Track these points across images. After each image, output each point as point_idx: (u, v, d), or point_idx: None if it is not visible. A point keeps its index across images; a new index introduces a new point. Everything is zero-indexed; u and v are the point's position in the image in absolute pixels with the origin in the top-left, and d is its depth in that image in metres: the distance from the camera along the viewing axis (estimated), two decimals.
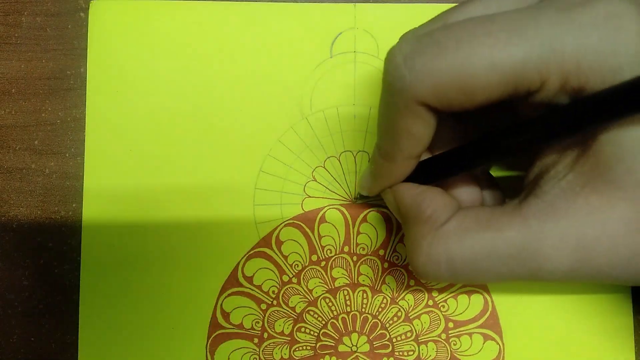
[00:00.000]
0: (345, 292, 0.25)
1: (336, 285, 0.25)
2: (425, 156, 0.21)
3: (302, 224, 0.26)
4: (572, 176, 0.18)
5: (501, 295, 0.25)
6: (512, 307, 0.25)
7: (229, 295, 0.25)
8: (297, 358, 0.25)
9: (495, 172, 0.25)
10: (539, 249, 0.17)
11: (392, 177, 0.21)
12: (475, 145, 0.19)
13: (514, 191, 0.21)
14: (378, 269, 0.26)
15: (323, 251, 0.26)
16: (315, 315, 0.25)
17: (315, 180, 0.26)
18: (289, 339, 0.25)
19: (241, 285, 0.25)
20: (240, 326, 0.25)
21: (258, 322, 0.25)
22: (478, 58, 0.16)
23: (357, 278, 0.26)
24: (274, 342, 0.25)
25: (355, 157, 0.26)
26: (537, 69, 0.16)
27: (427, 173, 0.21)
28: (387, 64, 0.18)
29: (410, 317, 0.25)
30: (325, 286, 0.25)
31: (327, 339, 0.25)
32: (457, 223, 0.19)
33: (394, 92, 0.18)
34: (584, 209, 0.17)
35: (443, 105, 0.17)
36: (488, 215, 0.19)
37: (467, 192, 0.21)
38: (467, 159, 0.20)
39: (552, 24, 0.16)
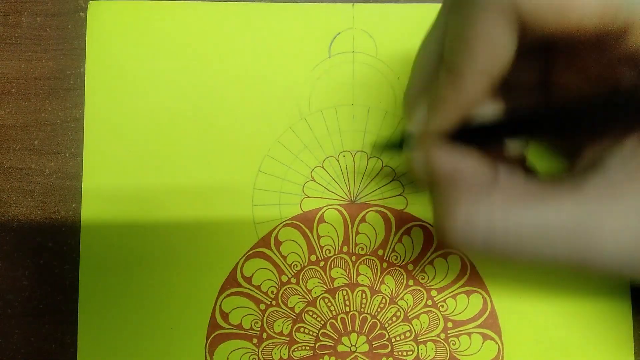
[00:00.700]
0: (344, 292, 0.25)
1: (335, 286, 0.25)
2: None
3: (300, 224, 0.26)
4: None
5: (500, 295, 0.25)
6: (511, 306, 0.25)
7: (228, 295, 0.25)
8: (297, 358, 0.25)
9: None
10: (597, 229, 0.15)
11: (456, 103, 0.17)
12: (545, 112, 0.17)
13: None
14: (377, 269, 0.26)
15: (322, 251, 0.26)
16: (315, 316, 0.25)
17: (314, 181, 0.26)
18: (288, 339, 0.25)
19: (240, 285, 0.25)
20: (239, 326, 0.25)
21: (257, 323, 0.25)
22: None
23: (356, 278, 0.26)
24: (273, 343, 0.25)
25: (353, 157, 0.26)
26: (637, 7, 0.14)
27: (475, 137, 0.18)
28: None
29: (410, 317, 0.25)
30: (324, 286, 0.25)
31: (326, 339, 0.25)
32: (503, 191, 0.17)
33: None
34: None
35: (536, 17, 0.15)
36: (540, 186, 0.17)
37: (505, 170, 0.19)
38: (525, 124, 0.17)
39: None
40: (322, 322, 0.25)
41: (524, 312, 0.25)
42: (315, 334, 0.25)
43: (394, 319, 0.25)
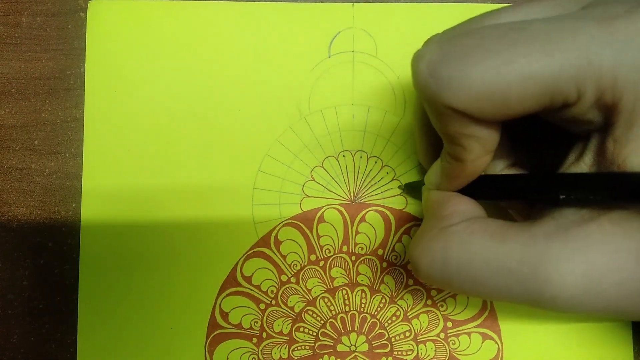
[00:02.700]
0: (344, 292, 0.25)
1: (335, 285, 0.25)
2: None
3: (300, 224, 0.26)
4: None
5: None
6: (510, 306, 0.25)
7: (228, 295, 0.25)
8: (296, 358, 0.25)
9: None
10: (542, 269, 0.16)
11: (462, 178, 0.19)
12: (534, 183, 0.19)
13: None
14: (377, 268, 0.26)
15: (322, 251, 0.26)
16: (314, 315, 0.25)
17: (314, 180, 0.26)
18: (288, 338, 0.25)
19: (240, 285, 0.25)
20: (239, 326, 0.25)
21: (257, 322, 0.25)
22: (512, 69, 0.15)
23: (356, 278, 0.26)
24: (272, 342, 0.25)
25: (353, 157, 0.26)
26: (574, 82, 0.15)
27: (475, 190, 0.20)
28: (412, 69, 0.17)
29: (409, 317, 0.25)
30: (324, 286, 0.25)
31: (325, 339, 0.25)
32: (464, 226, 0.18)
33: (425, 98, 0.17)
34: (597, 235, 0.16)
35: (476, 114, 0.16)
36: (498, 226, 0.18)
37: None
38: (517, 192, 0.19)
39: (590, 36, 0.15)
40: (322, 322, 0.25)
41: (523, 312, 0.25)
42: (315, 334, 0.25)
43: (394, 318, 0.25)
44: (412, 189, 0.25)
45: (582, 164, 0.18)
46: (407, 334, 0.25)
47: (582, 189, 0.17)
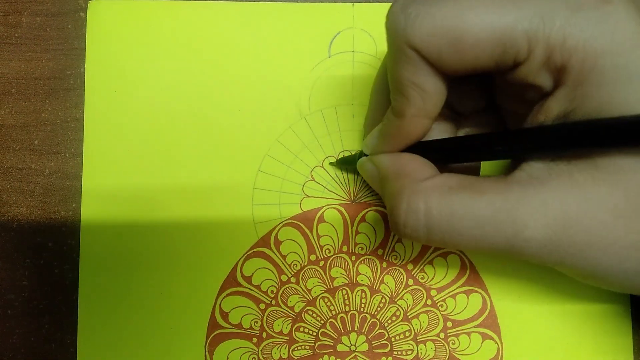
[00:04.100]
0: (344, 292, 0.25)
1: (335, 285, 0.25)
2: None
3: (300, 224, 0.26)
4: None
5: (500, 295, 0.25)
6: (510, 306, 0.25)
7: (228, 295, 0.25)
8: (296, 358, 0.25)
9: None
10: (517, 216, 0.17)
11: (399, 137, 0.20)
12: (470, 143, 0.20)
13: None
14: (377, 268, 0.26)
15: (322, 251, 0.26)
16: (314, 315, 0.25)
17: (314, 180, 0.26)
18: (288, 338, 0.25)
19: (240, 285, 0.25)
20: (239, 326, 0.25)
21: (257, 322, 0.25)
22: (471, 14, 0.17)
23: (356, 278, 0.26)
24: (272, 342, 0.25)
25: None
26: (525, 35, 0.16)
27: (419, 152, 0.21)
28: (388, 13, 0.18)
29: (409, 317, 0.25)
30: (324, 286, 0.25)
31: (325, 339, 0.25)
32: (439, 181, 0.19)
33: (390, 36, 0.18)
34: (567, 182, 0.17)
35: (434, 56, 0.17)
36: (472, 180, 0.19)
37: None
38: (460, 153, 0.20)
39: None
40: (322, 322, 0.25)
41: (523, 312, 0.25)
42: (315, 334, 0.25)
43: (394, 318, 0.25)
44: (345, 163, 0.25)
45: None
46: (407, 333, 0.25)
47: (514, 142, 0.18)
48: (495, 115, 0.22)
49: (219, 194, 0.26)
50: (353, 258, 0.26)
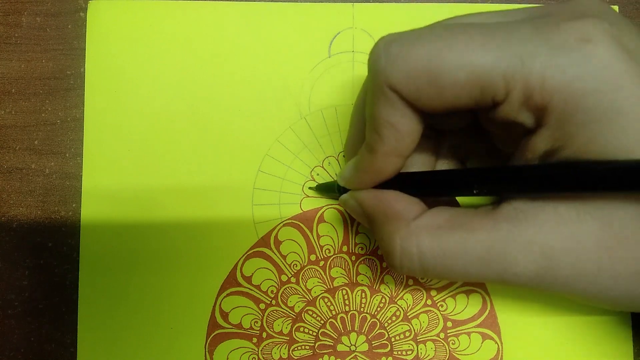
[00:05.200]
0: (344, 292, 0.25)
1: (335, 285, 0.26)
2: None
3: (300, 224, 0.26)
4: None
5: (500, 295, 0.25)
6: (510, 306, 0.25)
7: (228, 295, 0.25)
8: (296, 358, 0.25)
9: None
10: (506, 253, 0.18)
11: (372, 173, 0.20)
12: (451, 181, 0.20)
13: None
14: (377, 268, 0.26)
15: (322, 251, 0.26)
16: (314, 315, 0.25)
17: (314, 180, 0.26)
18: (288, 338, 0.25)
19: (240, 285, 0.25)
20: (239, 326, 0.25)
21: (257, 322, 0.25)
22: (450, 54, 0.17)
23: (356, 278, 0.26)
24: (272, 342, 0.25)
25: None
26: (503, 76, 0.16)
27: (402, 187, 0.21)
28: (370, 51, 0.19)
29: (409, 317, 0.25)
30: (324, 286, 0.25)
31: (325, 339, 0.25)
32: (429, 220, 0.19)
33: (371, 75, 0.18)
34: (552, 218, 0.17)
35: (412, 95, 0.17)
36: (461, 215, 0.19)
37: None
38: (441, 190, 0.20)
39: (526, 39, 0.17)
40: (322, 322, 0.25)
41: (523, 312, 0.25)
42: (315, 334, 0.25)
43: (394, 318, 0.25)
44: (325, 190, 0.25)
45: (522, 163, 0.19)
46: (407, 333, 0.25)
47: (493, 182, 0.19)
48: (478, 131, 0.22)
49: (219, 194, 0.26)
50: (353, 258, 0.26)
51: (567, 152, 0.17)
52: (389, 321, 0.25)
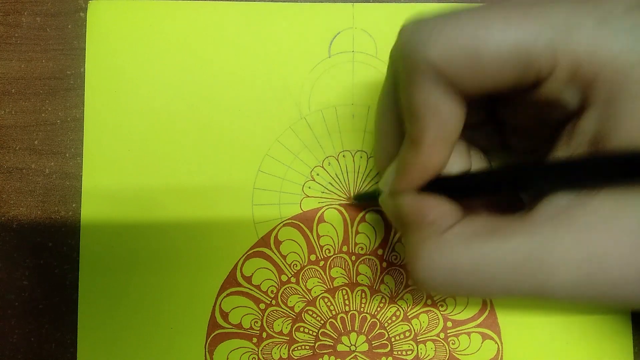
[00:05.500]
0: (344, 292, 0.25)
1: (335, 285, 0.26)
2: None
3: (300, 224, 0.26)
4: None
5: None
6: (510, 306, 0.25)
7: (228, 295, 0.25)
8: (296, 358, 0.25)
9: None
10: (546, 259, 0.16)
11: (417, 170, 0.18)
12: (501, 179, 0.18)
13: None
14: (377, 268, 0.26)
15: (322, 251, 0.26)
16: (314, 315, 0.25)
17: (314, 180, 0.26)
18: (288, 338, 0.25)
19: (240, 285, 0.25)
20: (239, 326, 0.25)
21: (257, 322, 0.25)
22: (491, 27, 0.16)
23: (356, 278, 0.26)
24: (272, 342, 0.25)
25: (353, 157, 0.26)
26: (549, 50, 0.15)
27: (440, 189, 0.20)
28: (400, 32, 0.17)
29: (409, 317, 0.25)
30: (324, 286, 0.25)
31: (325, 339, 0.25)
32: (462, 229, 0.18)
33: (405, 58, 0.17)
34: (594, 217, 0.16)
35: (454, 73, 0.16)
36: (496, 222, 0.17)
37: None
38: (484, 187, 0.19)
39: (570, 9, 0.15)
40: (322, 322, 0.25)
41: (523, 312, 0.25)
42: (315, 334, 0.25)
43: (394, 318, 0.25)
44: (366, 199, 0.25)
45: (570, 151, 0.17)
46: (407, 333, 0.25)
47: (549, 177, 0.17)
48: (493, 127, 0.21)
49: (219, 194, 0.26)
50: (353, 258, 0.26)
51: (618, 135, 0.15)
52: (389, 321, 0.25)
